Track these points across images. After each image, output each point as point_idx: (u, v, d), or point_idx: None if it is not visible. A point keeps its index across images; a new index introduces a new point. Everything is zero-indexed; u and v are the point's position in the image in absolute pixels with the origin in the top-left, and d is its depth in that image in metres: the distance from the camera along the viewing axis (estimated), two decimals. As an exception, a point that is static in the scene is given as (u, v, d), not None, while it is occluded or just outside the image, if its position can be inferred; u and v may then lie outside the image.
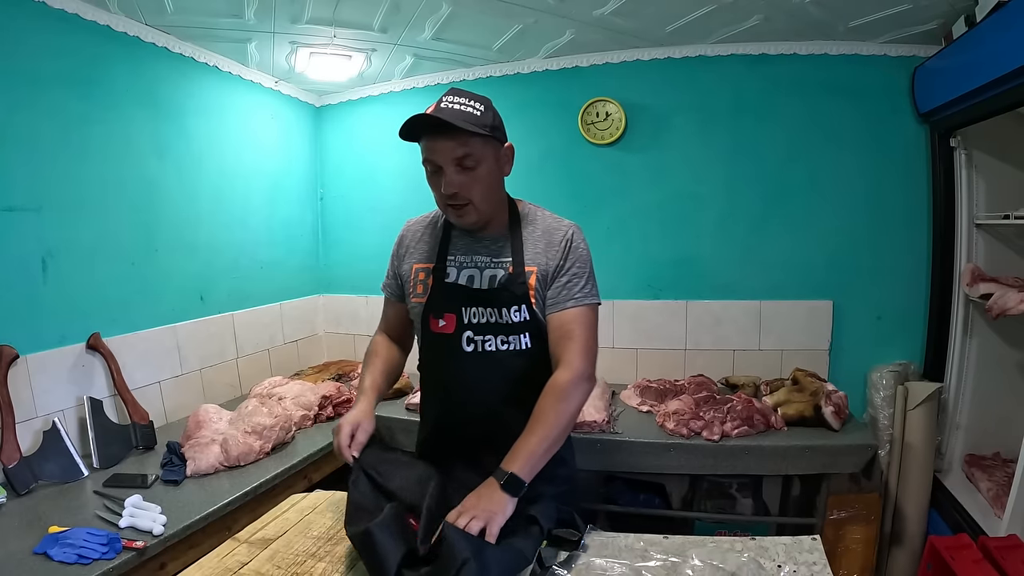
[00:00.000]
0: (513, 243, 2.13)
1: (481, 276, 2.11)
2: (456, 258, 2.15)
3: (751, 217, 4.17)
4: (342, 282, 5.05)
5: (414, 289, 2.19)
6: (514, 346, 2.08)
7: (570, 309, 2.06)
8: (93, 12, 3.12)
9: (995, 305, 3.18)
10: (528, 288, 2.06)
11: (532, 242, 2.13)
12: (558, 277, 2.08)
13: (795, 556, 1.79)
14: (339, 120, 5.01)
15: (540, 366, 2.10)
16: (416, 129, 1.94)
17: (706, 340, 4.30)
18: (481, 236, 2.16)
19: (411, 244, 2.26)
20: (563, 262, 2.09)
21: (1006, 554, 2.38)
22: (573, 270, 2.10)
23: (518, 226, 2.16)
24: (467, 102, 1.95)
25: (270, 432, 3.10)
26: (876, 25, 3.61)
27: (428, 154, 1.96)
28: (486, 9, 3.46)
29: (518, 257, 2.09)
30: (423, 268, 2.18)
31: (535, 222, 2.18)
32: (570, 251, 2.11)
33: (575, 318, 2.06)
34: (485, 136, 1.95)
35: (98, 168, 3.20)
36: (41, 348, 2.92)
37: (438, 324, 2.10)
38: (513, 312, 2.05)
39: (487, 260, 2.12)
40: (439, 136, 1.92)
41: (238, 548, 1.72)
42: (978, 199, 3.63)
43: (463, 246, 2.17)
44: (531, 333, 2.08)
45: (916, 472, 3.65)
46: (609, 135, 4.26)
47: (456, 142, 1.91)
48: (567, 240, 2.12)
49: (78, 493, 2.65)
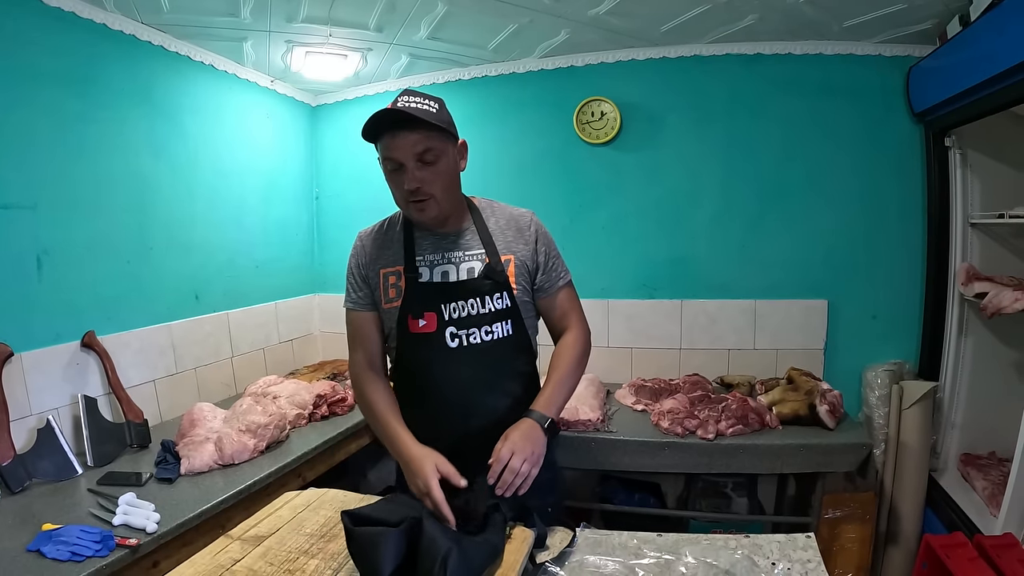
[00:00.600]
0: (481, 235, 2.19)
1: (457, 270, 2.13)
2: (425, 257, 2.16)
3: (746, 216, 4.19)
4: (337, 282, 5.00)
5: (386, 294, 2.18)
6: (497, 334, 2.13)
7: (560, 290, 2.28)
8: (89, 10, 3.12)
9: (990, 304, 3.19)
10: (508, 276, 2.14)
11: (500, 231, 2.21)
12: (543, 263, 2.23)
13: (789, 554, 1.80)
14: (335, 119, 5.01)
15: (520, 352, 2.22)
16: (377, 129, 1.98)
17: (701, 339, 4.31)
18: (445, 233, 2.19)
19: (372, 251, 2.25)
20: (540, 247, 2.22)
21: (1001, 552, 2.38)
22: (552, 254, 2.27)
23: (480, 218, 2.22)
24: (422, 100, 1.99)
25: (264, 431, 3.09)
26: (871, 25, 3.62)
27: (389, 152, 1.99)
28: (482, 8, 3.47)
29: (491, 247, 2.16)
30: (392, 272, 2.18)
31: (495, 213, 2.26)
32: (541, 236, 2.25)
33: (565, 296, 2.30)
34: (443, 131, 2.00)
35: (93, 166, 3.20)
36: (36, 346, 2.92)
37: (418, 324, 2.11)
38: (496, 300, 2.11)
39: (460, 254, 2.15)
40: (400, 132, 1.95)
41: (231, 545, 1.72)
42: (973, 198, 3.65)
43: (429, 245, 2.18)
44: (512, 320, 2.15)
45: (911, 471, 3.66)
46: (604, 135, 4.27)
47: (417, 136, 1.95)
48: (535, 226, 2.25)
49: (72, 491, 2.64)
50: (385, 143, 1.99)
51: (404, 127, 1.94)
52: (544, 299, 2.25)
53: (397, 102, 1.97)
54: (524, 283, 2.18)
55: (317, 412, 3.63)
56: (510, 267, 2.15)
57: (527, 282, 2.20)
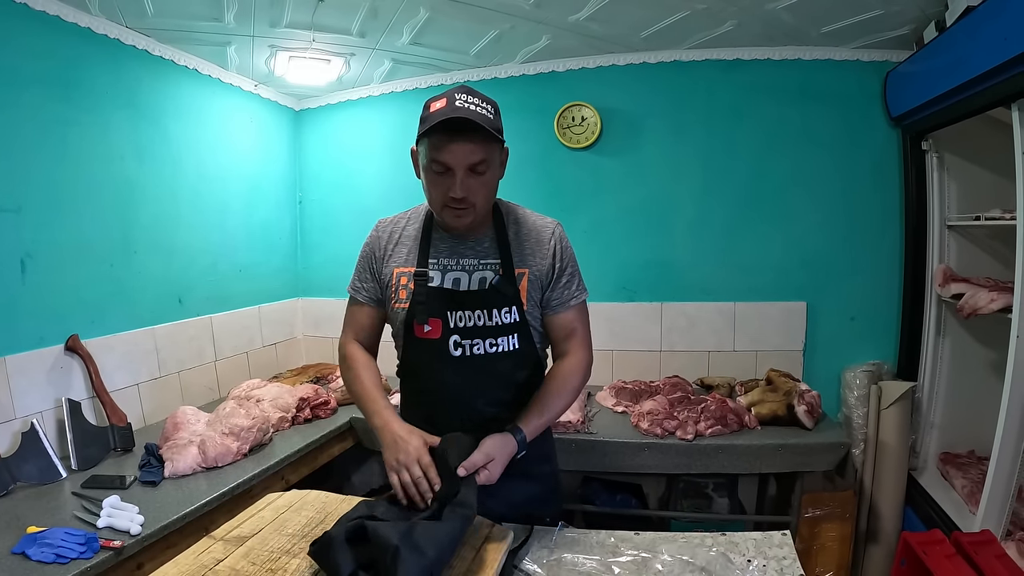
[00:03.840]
0: (500, 244, 2.09)
1: (470, 279, 2.07)
2: (439, 261, 2.09)
3: (725, 220, 4.22)
4: (321, 286, 5.06)
5: (396, 295, 2.11)
6: (502, 348, 2.07)
7: (571, 309, 2.16)
8: (74, 14, 3.12)
9: (966, 305, 3.23)
10: (520, 291, 2.06)
11: (519, 243, 2.12)
12: (556, 279, 2.12)
13: (765, 551, 1.82)
14: (318, 124, 5.01)
15: (526, 365, 2.14)
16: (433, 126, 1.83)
17: (681, 342, 4.35)
18: (464, 238, 2.11)
19: (389, 247, 2.16)
20: (557, 263, 2.12)
21: (979, 549, 2.42)
22: (569, 271, 2.15)
23: (503, 226, 2.12)
24: (480, 103, 1.88)
25: (247, 433, 3.10)
26: (849, 31, 3.66)
27: (441, 155, 1.86)
28: (463, 15, 3.49)
29: (507, 259, 2.07)
30: (404, 272, 2.10)
31: (519, 221, 2.17)
32: (561, 251, 2.14)
33: (576, 316, 2.18)
34: (497, 140, 1.92)
35: (77, 169, 3.21)
36: (19, 350, 2.92)
37: (423, 330, 2.04)
38: (504, 314, 2.04)
39: (475, 262, 2.08)
40: (457, 137, 1.83)
41: (214, 546, 1.73)
42: (949, 201, 3.70)
43: (446, 249, 2.10)
44: (520, 334, 2.09)
45: (891, 470, 3.69)
46: (585, 139, 4.30)
47: (474, 145, 1.85)
48: (556, 239, 2.14)
49: (56, 494, 2.64)
50: (437, 144, 1.86)
51: (462, 133, 1.82)
52: (550, 316, 2.15)
53: (455, 99, 1.85)
54: (536, 298, 2.11)
55: (300, 415, 3.64)
56: (523, 281, 2.07)
57: (539, 297, 2.12)
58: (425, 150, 1.91)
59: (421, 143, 1.94)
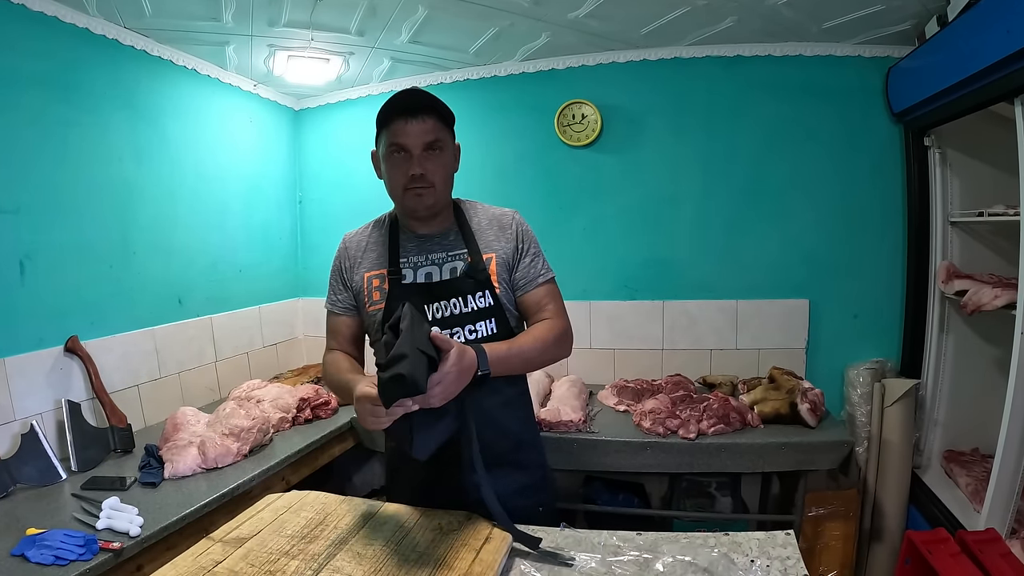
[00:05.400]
0: (464, 234, 2.20)
1: (440, 271, 2.14)
2: (409, 259, 2.17)
3: (727, 217, 4.21)
4: (321, 286, 4.96)
5: (370, 297, 2.18)
6: (481, 333, 2.11)
7: (540, 286, 2.22)
8: (72, 15, 3.12)
9: (970, 301, 3.22)
10: (490, 274, 2.14)
11: (482, 231, 2.22)
12: (521, 260, 2.21)
13: (768, 551, 1.80)
14: (318, 123, 5.00)
15: None
16: (388, 115, 2.03)
17: (683, 340, 4.33)
18: (430, 235, 2.20)
19: (356, 255, 2.26)
20: (521, 245, 2.22)
21: (984, 547, 2.40)
22: (532, 251, 2.24)
23: (463, 219, 2.24)
24: (433, 96, 2.05)
25: (248, 434, 3.09)
26: (850, 26, 3.65)
27: (398, 137, 2.02)
28: (462, 12, 3.48)
29: (473, 246, 2.17)
30: (376, 275, 2.19)
31: (477, 213, 2.28)
32: (522, 234, 2.24)
33: (546, 293, 2.23)
34: (449, 128, 2.11)
35: (76, 170, 3.20)
36: (19, 351, 2.92)
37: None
38: (478, 298, 2.11)
39: (443, 255, 2.17)
40: (412, 119, 2.00)
41: (212, 547, 1.72)
42: (952, 197, 3.68)
43: (414, 247, 2.19)
44: (496, 318, 2.13)
45: (894, 468, 3.68)
46: (585, 137, 4.28)
47: (428, 125, 2.02)
48: (517, 224, 2.25)
49: (56, 496, 2.63)
50: (394, 129, 2.03)
51: (416, 115, 2.00)
52: (522, 296, 2.21)
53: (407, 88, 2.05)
54: (505, 279, 2.18)
55: (301, 416, 3.63)
56: (492, 265, 2.15)
57: (508, 278, 2.20)
58: (384, 140, 2.09)
59: (380, 139, 2.14)
